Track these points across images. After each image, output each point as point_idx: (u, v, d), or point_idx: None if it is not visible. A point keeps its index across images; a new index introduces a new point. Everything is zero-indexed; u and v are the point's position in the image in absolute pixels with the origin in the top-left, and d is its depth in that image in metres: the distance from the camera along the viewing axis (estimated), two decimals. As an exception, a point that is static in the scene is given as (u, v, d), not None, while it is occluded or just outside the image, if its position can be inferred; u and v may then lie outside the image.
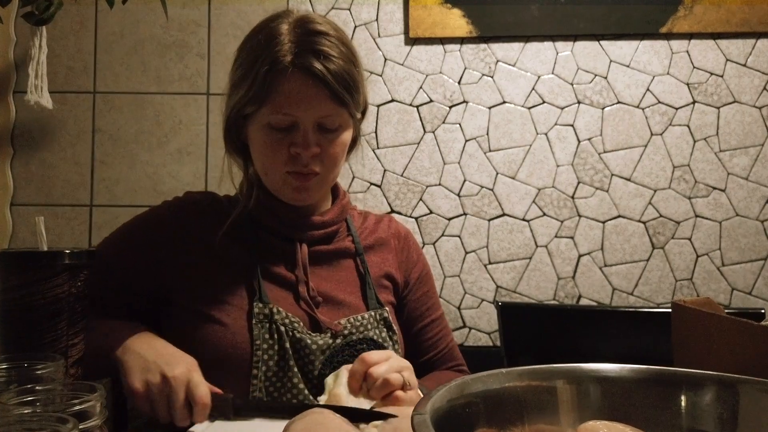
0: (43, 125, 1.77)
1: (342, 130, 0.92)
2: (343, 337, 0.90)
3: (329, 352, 0.88)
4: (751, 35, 1.72)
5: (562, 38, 1.74)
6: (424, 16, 1.73)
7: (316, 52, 0.86)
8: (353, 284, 0.97)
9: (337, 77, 0.86)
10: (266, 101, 0.87)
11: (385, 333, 0.94)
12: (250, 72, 0.88)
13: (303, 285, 0.93)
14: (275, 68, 0.86)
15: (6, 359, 0.56)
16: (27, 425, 0.43)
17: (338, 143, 0.92)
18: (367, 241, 1.02)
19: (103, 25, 1.79)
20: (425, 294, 1.07)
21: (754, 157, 1.72)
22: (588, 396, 0.51)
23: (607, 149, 1.74)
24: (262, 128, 0.90)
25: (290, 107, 0.87)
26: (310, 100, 0.86)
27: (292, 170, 0.90)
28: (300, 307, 0.92)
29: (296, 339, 0.87)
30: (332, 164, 0.92)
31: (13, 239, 1.75)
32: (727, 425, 0.48)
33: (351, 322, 0.92)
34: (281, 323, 0.87)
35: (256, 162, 0.94)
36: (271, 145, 0.89)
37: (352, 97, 0.89)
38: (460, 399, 0.45)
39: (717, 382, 0.50)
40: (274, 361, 0.86)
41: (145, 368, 0.76)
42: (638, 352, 1.20)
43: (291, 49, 0.86)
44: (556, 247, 1.73)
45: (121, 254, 0.95)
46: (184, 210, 0.99)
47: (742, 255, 1.71)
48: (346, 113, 0.90)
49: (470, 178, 1.75)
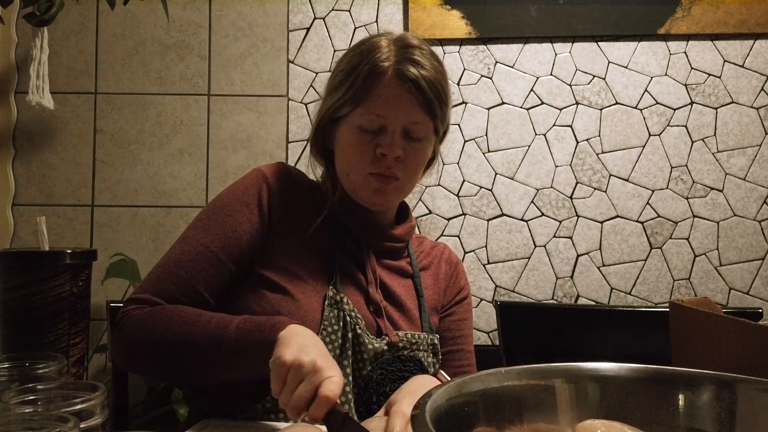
0: (45, 126, 1.78)
1: (425, 141, 0.95)
2: (398, 349, 0.92)
3: (381, 358, 0.90)
4: (749, 36, 1.72)
5: (560, 39, 1.74)
6: (423, 18, 1.73)
7: (413, 61, 0.91)
8: (410, 304, 1.00)
9: (431, 86, 0.91)
10: (362, 102, 0.91)
11: (431, 358, 0.96)
12: (350, 76, 0.93)
13: (373, 287, 0.96)
14: (376, 71, 0.91)
15: (7, 358, 0.57)
16: (28, 424, 0.43)
17: (420, 153, 0.95)
18: (423, 263, 1.05)
19: (104, 26, 1.79)
20: (463, 321, 1.07)
21: (751, 157, 1.72)
22: (586, 395, 0.51)
23: (605, 150, 1.74)
24: (352, 129, 0.93)
25: (383, 109, 0.91)
26: (402, 104, 0.91)
27: (374, 171, 0.93)
28: (367, 309, 0.94)
29: (356, 335, 0.90)
30: (412, 173, 0.96)
31: (14, 239, 1.75)
32: (725, 424, 0.49)
33: (408, 337, 0.94)
34: (348, 314, 0.90)
35: (340, 162, 0.97)
36: (359, 146, 0.93)
37: (441, 108, 0.93)
38: (459, 398, 0.46)
39: (715, 381, 0.50)
40: (334, 346, 0.88)
41: (302, 349, 0.74)
42: (636, 351, 1.21)
43: (390, 57, 0.92)
44: (554, 246, 1.74)
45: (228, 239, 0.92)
46: (281, 179, 0.99)
47: (739, 255, 1.72)
48: (431, 125, 0.94)
49: (469, 178, 1.75)
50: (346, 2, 1.77)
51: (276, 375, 0.73)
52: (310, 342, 0.76)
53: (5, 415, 0.45)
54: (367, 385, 0.88)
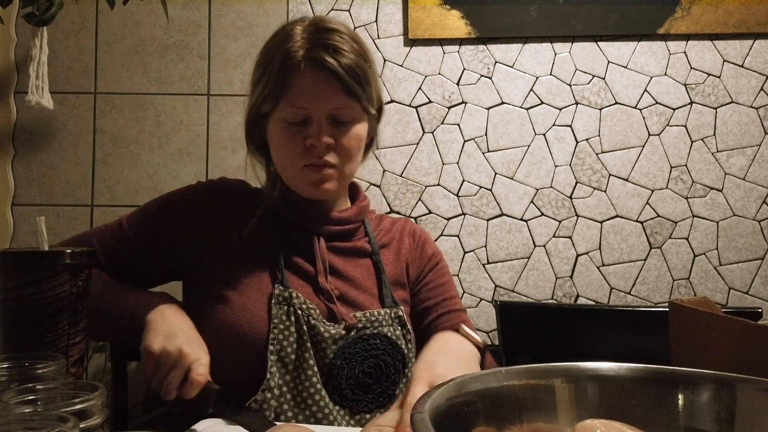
0: (44, 126, 1.78)
1: (355, 122, 0.94)
2: (357, 330, 0.91)
3: (342, 342, 0.90)
4: (749, 36, 1.72)
5: (560, 39, 1.74)
6: (423, 18, 1.73)
7: (326, 46, 0.90)
8: (369, 283, 0.99)
9: (348, 70, 0.90)
10: (281, 97, 0.91)
11: (399, 331, 0.95)
12: (265, 71, 0.92)
13: (322, 276, 0.95)
14: (287, 64, 0.90)
15: (7, 358, 0.56)
16: (28, 424, 0.43)
17: (352, 136, 0.94)
18: (382, 240, 1.04)
19: (104, 25, 1.79)
20: (441, 285, 1.05)
21: (751, 157, 1.72)
22: (586, 395, 0.51)
23: (604, 149, 1.74)
24: (279, 124, 0.93)
25: (303, 101, 0.90)
26: (322, 93, 0.90)
27: (308, 163, 0.93)
28: (318, 298, 0.94)
29: (311, 325, 0.90)
30: (347, 157, 0.95)
31: (14, 239, 1.75)
32: (725, 424, 0.49)
33: (366, 316, 0.93)
34: (299, 308, 0.90)
35: (275, 159, 0.98)
36: (288, 139, 0.93)
37: (363, 90, 0.92)
38: (459, 398, 0.46)
39: (714, 381, 0.50)
40: (289, 341, 0.89)
41: (169, 336, 0.81)
42: (636, 351, 1.20)
43: (303, 45, 0.90)
44: (554, 246, 1.74)
45: (147, 227, 0.98)
46: (216, 193, 1.01)
47: (739, 255, 1.72)
48: (358, 106, 0.93)
49: (469, 178, 1.75)
50: (345, 2, 1.77)
51: (146, 363, 0.80)
52: (176, 327, 0.82)
53: (5, 415, 0.44)
54: (331, 372, 0.89)
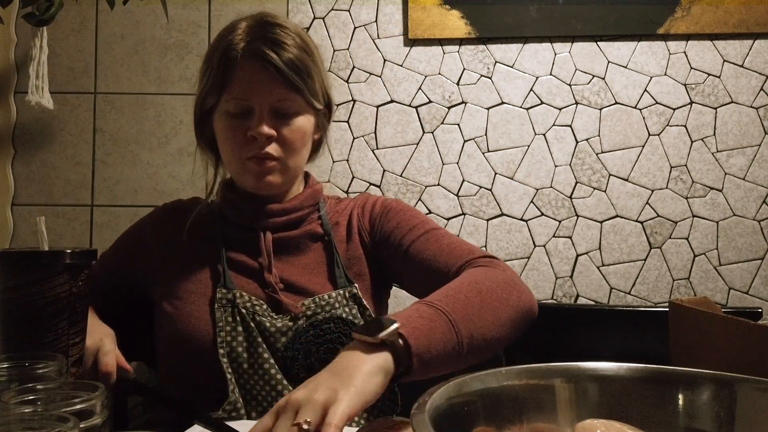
0: (44, 125, 1.77)
1: (298, 115, 0.94)
2: (307, 318, 0.91)
3: (292, 333, 0.90)
4: (749, 36, 1.72)
5: (560, 39, 1.74)
6: (423, 18, 1.73)
7: (266, 39, 0.90)
8: (321, 266, 0.97)
9: (288, 63, 0.90)
10: (223, 90, 0.91)
11: (355, 310, 0.93)
12: (209, 63, 0.94)
13: (267, 271, 0.95)
14: (227, 56, 0.90)
15: (7, 358, 0.56)
16: (28, 424, 0.43)
17: (295, 128, 0.93)
18: (333, 220, 1.02)
19: (104, 25, 1.79)
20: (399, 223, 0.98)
21: (751, 157, 1.72)
22: (586, 395, 0.51)
23: (604, 149, 1.74)
24: (222, 117, 0.94)
25: (244, 93, 0.90)
26: (262, 85, 0.90)
27: (251, 155, 0.92)
28: (265, 293, 0.94)
29: (257, 322, 0.90)
30: (291, 150, 0.94)
31: (14, 239, 1.75)
32: (725, 424, 0.49)
33: (316, 302, 0.92)
34: (243, 306, 0.90)
35: (222, 153, 0.98)
36: (231, 131, 0.93)
37: (305, 82, 0.92)
38: (459, 397, 0.46)
39: (714, 381, 0.50)
40: (238, 341, 0.89)
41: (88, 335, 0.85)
42: (636, 351, 1.20)
43: (243, 38, 0.91)
44: (554, 246, 1.74)
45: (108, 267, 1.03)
46: (163, 217, 1.04)
47: (739, 255, 1.72)
48: (300, 99, 0.93)
49: (469, 178, 1.75)
50: (345, 2, 1.77)
51: None
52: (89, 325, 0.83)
53: (5, 415, 0.44)
54: (286, 364, 0.89)
